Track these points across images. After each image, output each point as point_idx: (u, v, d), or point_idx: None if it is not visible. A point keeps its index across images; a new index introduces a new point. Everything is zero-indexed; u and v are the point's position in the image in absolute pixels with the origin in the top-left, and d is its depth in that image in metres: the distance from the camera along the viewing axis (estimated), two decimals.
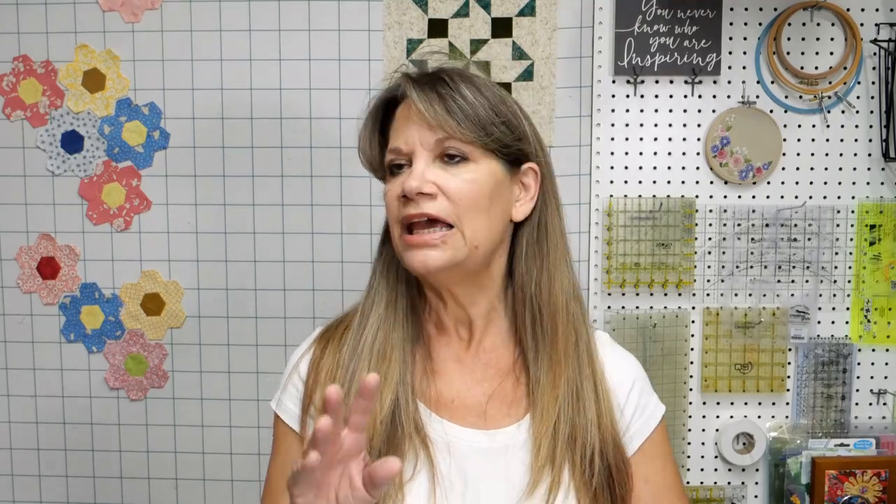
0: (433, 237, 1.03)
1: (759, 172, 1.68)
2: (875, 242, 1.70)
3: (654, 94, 1.68)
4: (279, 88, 1.71)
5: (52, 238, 1.76)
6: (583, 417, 1.07)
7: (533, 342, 1.10)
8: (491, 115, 1.05)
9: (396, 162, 1.07)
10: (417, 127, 1.05)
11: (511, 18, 1.69)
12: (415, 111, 1.05)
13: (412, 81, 1.07)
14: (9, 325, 1.78)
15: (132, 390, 1.77)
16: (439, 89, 1.05)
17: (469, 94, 1.05)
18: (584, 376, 1.09)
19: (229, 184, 1.74)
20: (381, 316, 1.11)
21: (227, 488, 1.79)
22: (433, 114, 1.03)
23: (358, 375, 1.07)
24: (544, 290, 1.09)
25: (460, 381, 1.12)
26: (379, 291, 1.13)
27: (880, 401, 1.73)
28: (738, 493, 1.73)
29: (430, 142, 1.04)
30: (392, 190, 1.06)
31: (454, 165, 1.04)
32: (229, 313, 1.76)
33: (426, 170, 1.04)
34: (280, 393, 1.14)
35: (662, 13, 1.65)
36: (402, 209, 1.04)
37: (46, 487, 1.80)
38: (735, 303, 1.71)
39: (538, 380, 1.08)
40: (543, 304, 1.09)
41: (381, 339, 1.09)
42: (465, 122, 1.04)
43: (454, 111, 1.04)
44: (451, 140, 1.04)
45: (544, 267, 1.10)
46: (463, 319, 1.12)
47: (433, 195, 1.03)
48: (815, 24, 1.66)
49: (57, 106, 1.73)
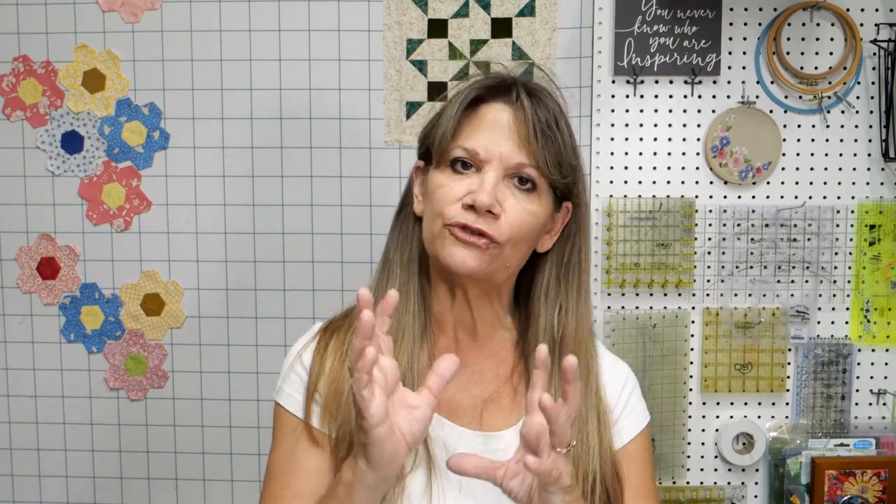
0: (480, 241, 1.03)
1: (759, 172, 1.68)
2: (875, 242, 1.70)
3: (653, 94, 1.68)
4: (279, 89, 1.71)
5: (52, 238, 1.76)
6: (585, 445, 1.07)
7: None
8: (571, 157, 1.07)
9: (465, 161, 1.05)
10: (505, 140, 1.04)
11: (511, 19, 1.69)
12: (514, 123, 1.04)
13: (527, 93, 1.06)
14: (9, 325, 1.78)
15: (132, 390, 1.78)
16: (541, 114, 1.04)
17: (566, 131, 1.06)
18: (589, 406, 1.10)
19: (229, 184, 1.74)
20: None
21: (227, 488, 1.79)
22: (533, 137, 1.03)
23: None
24: (570, 326, 1.10)
25: (456, 382, 1.11)
26: (393, 271, 1.12)
27: (880, 401, 1.73)
28: (738, 493, 1.73)
29: (513, 162, 1.04)
30: (454, 189, 1.04)
31: (523, 192, 1.05)
32: (229, 313, 1.76)
33: (497, 186, 1.03)
34: (281, 382, 1.13)
35: (662, 13, 1.65)
36: (460, 214, 1.03)
37: (46, 487, 1.80)
38: (735, 303, 1.71)
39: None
40: (567, 339, 1.10)
41: (392, 323, 1.07)
42: (553, 160, 1.04)
43: (549, 145, 1.04)
44: (532, 168, 1.04)
45: (571, 303, 1.11)
46: (466, 321, 1.12)
47: (497, 216, 1.03)
48: (814, 24, 1.66)
49: (57, 106, 1.73)
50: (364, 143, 1.72)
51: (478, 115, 1.07)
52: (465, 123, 1.06)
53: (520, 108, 1.05)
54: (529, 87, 1.07)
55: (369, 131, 1.71)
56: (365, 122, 1.71)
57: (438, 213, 1.04)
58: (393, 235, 1.14)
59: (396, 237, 1.13)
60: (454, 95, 1.09)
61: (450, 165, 1.06)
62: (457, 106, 1.07)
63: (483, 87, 1.08)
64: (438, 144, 1.07)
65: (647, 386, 1.68)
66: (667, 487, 1.72)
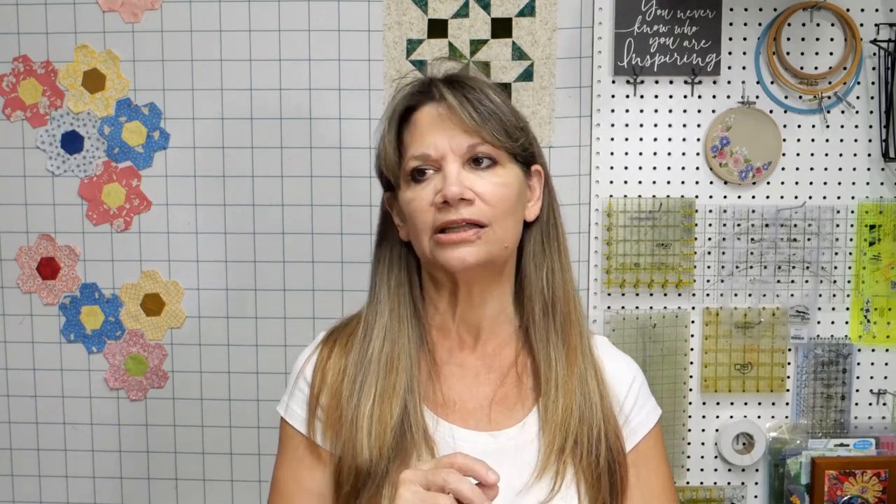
0: (468, 234, 1.04)
1: (759, 172, 1.68)
2: (875, 242, 1.70)
3: (653, 94, 1.68)
4: (279, 89, 1.71)
5: (52, 238, 1.76)
6: (589, 402, 1.09)
7: (545, 334, 1.11)
8: (513, 120, 1.09)
9: (422, 168, 1.07)
10: (448, 132, 1.06)
11: (511, 19, 1.69)
12: (449, 116, 1.06)
13: (446, 85, 1.08)
14: (9, 325, 1.78)
15: (132, 390, 1.78)
16: (469, 95, 1.07)
17: (497, 99, 1.08)
18: (587, 364, 1.12)
19: (229, 184, 1.74)
20: (386, 325, 1.11)
21: (227, 488, 1.79)
22: (470, 119, 1.05)
23: (366, 387, 1.08)
24: (558, 284, 1.12)
25: (462, 384, 1.12)
26: (381, 301, 1.13)
27: (880, 401, 1.73)
28: (738, 493, 1.73)
29: (463, 147, 1.06)
30: (423, 197, 1.06)
31: (484, 170, 1.06)
32: (229, 313, 1.76)
33: (461, 175, 1.05)
34: (287, 398, 1.15)
35: (662, 13, 1.65)
36: (439, 215, 1.05)
37: (46, 487, 1.80)
38: (735, 303, 1.71)
39: (553, 369, 1.10)
40: (558, 298, 1.12)
41: (387, 349, 1.10)
42: (497, 129, 1.06)
43: (487, 117, 1.06)
44: (484, 145, 1.06)
45: (556, 262, 1.13)
46: (471, 322, 1.12)
47: (471, 201, 1.04)
48: (814, 24, 1.66)
49: (57, 106, 1.73)
50: (364, 143, 1.71)
51: (413, 124, 1.09)
52: (406, 137, 1.09)
53: (445, 98, 1.07)
54: (447, 78, 1.10)
55: (369, 131, 1.71)
56: (365, 122, 1.71)
57: (421, 227, 1.07)
58: (377, 268, 1.16)
59: (381, 269, 1.15)
60: (383, 119, 1.12)
61: (411, 179, 1.08)
62: (388, 126, 1.10)
63: (406, 97, 1.11)
64: (390, 169, 1.10)
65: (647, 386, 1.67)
66: None
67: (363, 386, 1.08)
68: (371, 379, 1.08)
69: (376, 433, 1.05)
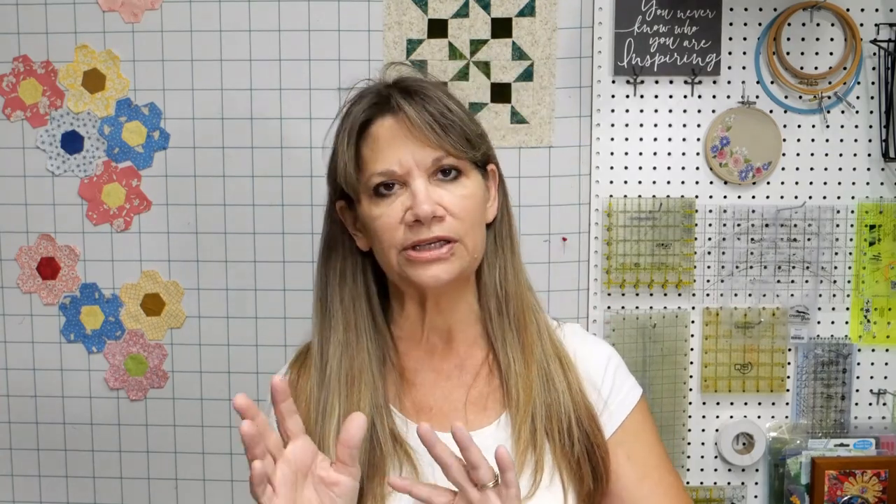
0: (442, 252, 1.03)
1: (759, 172, 1.68)
2: (875, 242, 1.70)
3: (653, 94, 1.68)
4: (279, 89, 1.71)
5: (52, 238, 1.76)
6: (554, 392, 1.08)
7: (500, 332, 1.11)
8: (473, 128, 1.07)
9: (385, 183, 1.05)
10: (411, 146, 1.04)
11: (511, 19, 1.69)
12: (410, 129, 1.03)
13: (404, 95, 1.05)
14: (9, 325, 1.78)
15: (132, 390, 1.78)
16: (428, 106, 1.04)
17: (455, 108, 1.05)
18: (548, 356, 1.11)
19: (229, 184, 1.74)
20: (342, 341, 1.10)
21: (227, 488, 1.79)
22: (433, 133, 1.03)
23: (329, 407, 1.07)
24: (511, 283, 1.12)
25: (436, 388, 1.12)
26: (334, 316, 1.11)
27: (880, 401, 1.73)
28: (738, 493, 1.73)
29: (428, 161, 1.04)
30: (390, 214, 1.04)
31: (451, 182, 1.05)
32: (229, 313, 1.76)
33: (429, 191, 1.03)
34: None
35: (662, 13, 1.65)
36: (410, 234, 1.03)
37: (46, 487, 1.80)
38: (735, 303, 1.71)
39: (511, 367, 1.09)
40: (511, 296, 1.11)
41: (346, 365, 1.09)
42: (460, 140, 1.05)
43: (449, 129, 1.04)
44: (448, 158, 1.04)
45: (508, 261, 1.12)
46: (441, 328, 1.12)
47: (442, 217, 1.03)
48: (814, 24, 1.66)
49: (57, 106, 1.73)
50: None
51: (371, 137, 1.06)
52: (364, 150, 1.06)
53: (404, 111, 1.04)
54: (404, 87, 1.07)
55: None
56: None
57: (389, 243, 1.05)
58: (327, 280, 1.13)
59: (332, 281, 1.13)
60: (339, 131, 1.09)
61: (374, 195, 1.05)
62: (346, 139, 1.07)
63: (363, 110, 1.07)
64: (348, 182, 1.07)
65: (647, 386, 1.68)
66: None
67: (326, 407, 1.07)
68: (333, 399, 1.07)
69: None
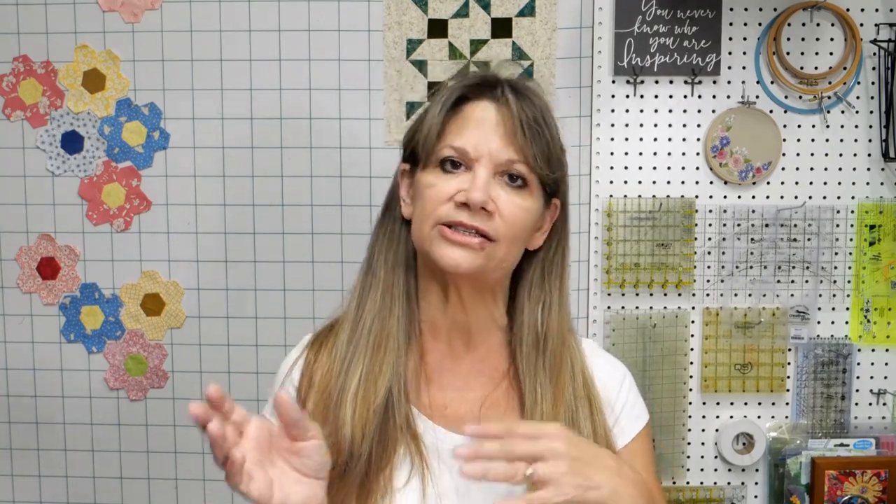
0: (473, 241, 1.02)
1: (759, 172, 1.68)
2: (875, 242, 1.70)
3: (653, 94, 1.68)
4: (279, 89, 1.71)
5: (52, 238, 1.76)
6: (577, 432, 1.06)
7: (532, 367, 1.10)
8: (558, 153, 1.07)
9: (454, 160, 1.05)
10: (494, 137, 1.04)
11: (511, 19, 1.69)
12: (501, 121, 1.04)
13: (512, 91, 1.05)
14: (9, 325, 1.78)
15: (132, 390, 1.78)
16: (528, 110, 1.04)
17: (553, 127, 1.06)
18: (578, 398, 1.10)
19: (229, 184, 1.74)
20: (378, 302, 1.09)
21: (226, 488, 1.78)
22: (521, 134, 1.03)
23: (353, 363, 1.07)
24: (553, 321, 1.11)
25: (453, 388, 1.11)
26: (376, 275, 1.11)
27: (880, 401, 1.73)
28: (738, 493, 1.73)
29: (502, 158, 1.04)
30: (443, 189, 1.04)
31: (514, 189, 1.05)
32: (229, 313, 1.76)
33: (489, 183, 1.03)
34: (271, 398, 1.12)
35: (662, 13, 1.65)
36: (453, 213, 1.02)
37: (46, 487, 1.80)
38: (735, 303, 1.71)
39: (537, 405, 1.08)
40: (550, 335, 1.10)
41: (377, 327, 1.08)
42: (542, 155, 1.04)
43: (538, 141, 1.04)
44: (521, 165, 1.04)
45: (553, 299, 1.11)
46: (461, 324, 1.11)
47: (491, 213, 1.02)
48: (814, 24, 1.66)
49: (57, 106, 1.73)
50: (364, 143, 1.72)
51: (463, 113, 1.06)
52: (451, 123, 1.06)
53: (505, 104, 1.04)
54: (514, 85, 1.07)
55: (369, 131, 1.71)
56: (365, 122, 1.71)
57: (430, 213, 1.04)
58: (377, 239, 1.14)
59: (381, 240, 1.13)
60: (437, 95, 1.09)
61: (439, 165, 1.05)
62: (440, 105, 1.07)
63: (467, 85, 1.07)
64: (424, 145, 1.06)
65: (647, 386, 1.68)
66: (667, 487, 1.72)
67: (351, 364, 1.07)
68: (359, 357, 1.07)
69: (360, 412, 1.05)
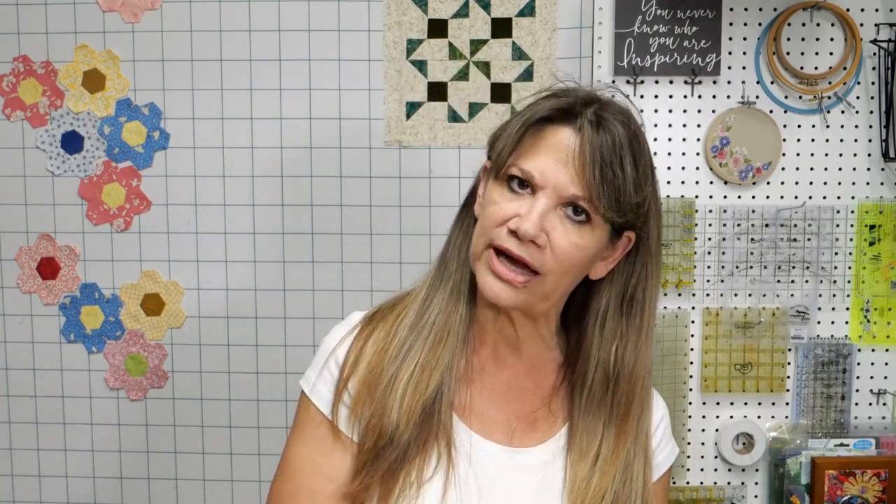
0: (518, 279, 1.00)
1: (759, 172, 1.68)
2: (875, 242, 1.70)
3: (653, 94, 1.68)
4: (279, 89, 1.71)
5: (52, 238, 1.76)
6: (627, 487, 1.07)
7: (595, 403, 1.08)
8: (633, 195, 1.02)
9: (520, 180, 1.02)
10: (562, 168, 1.00)
11: (511, 19, 1.69)
12: (574, 153, 1.00)
13: (594, 123, 1.01)
14: (9, 325, 1.78)
15: (132, 390, 1.78)
16: (605, 147, 0.99)
17: (629, 169, 1.01)
18: (639, 448, 1.09)
19: (229, 184, 1.74)
20: (445, 297, 1.08)
21: (227, 488, 1.79)
22: (590, 174, 0.99)
23: (412, 351, 1.06)
24: (628, 363, 1.08)
25: (493, 396, 1.10)
26: (448, 268, 1.09)
27: (880, 401, 1.73)
28: (738, 493, 1.73)
29: (566, 193, 1.00)
30: (502, 208, 1.01)
31: (573, 223, 1.01)
32: (229, 313, 1.76)
33: (546, 216, 1.00)
34: (315, 377, 1.10)
35: (662, 13, 1.65)
36: (503, 238, 1.00)
37: (46, 487, 1.80)
38: (735, 303, 1.71)
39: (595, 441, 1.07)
40: (623, 378, 1.08)
41: (441, 321, 1.07)
42: (609, 198, 1.00)
43: (608, 183, 0.99)
44: (585, 202, 1.00)
45: (631, 340, 1.08)
46: (508, 336, 1.10)
47: (542, 247, 1.00)
48: (814, 24, 1.66)
49: (57, 106, 1.73)
50: (364, 143, 1.72)
51: (541, 135, 1.02)
52: (528, 142, 1.03)
53: (581, 136, 1.00)
54: (598, 114, 1.02)
55: (369, 131, 1.71)
56: (365, 122, 1.71)
57: (485, 230, 1.02)
58: (454, 232, 1.12)
59: (457, 234, 1.11)
60: (524, 109, 1.06)
61: (506, 181, 1.03)
62: (520, 123, 1.04)
63: (551, 108, 1.03)
64: (497, 158, 1.05)
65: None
66: None
67: (410, 350, 1.06)
68: (419, 346, 1.06)
69: (408, 402, 1.03)
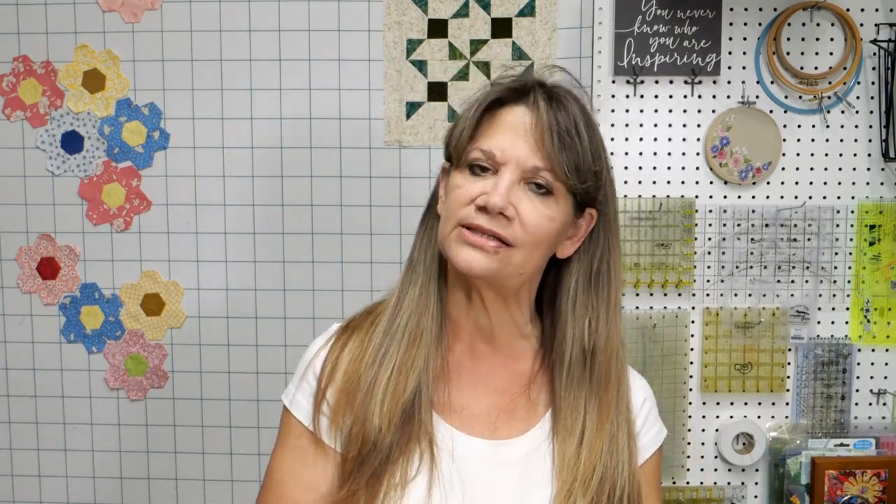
0: (489, 244, 1.02)
1: (759, 172, 1.68)
2: (875, 242, 1.70)
3: (653, 94, 1.68)
4: (279, 89, 1.71)
5: (52, 238, 1.76)
6: (615, 459, 1.08)
7: (575, 381, 1.09)
8: (591, 163, 1.05)
9: (482, 164, 1.04)
10: (521, 143, 1.03)
11: (511, 19, 1.69)
12: (531, 127, 1.03)
13: (546, 98, 1.04)
14: (9, 325, 1.78)
15: (132, 390, 1.78)
16: (560, 117, 1.03)
17: (585, 136, 1.04)
18: (621, 419, 1.10)
19: (229, 184, 1.74)
20: (416, 298, 1.10)
21: (227, 488, 1.79)
22: (549, 143, 1.02)
23: (388, 355, 1.07)
24: (601, 335, 1.09)
25: (471, 390, 1.11)
26: (416, 270, 1.11)
27: (880, 401, 1.73)
28: (738, 493, 1.73)
29: (528, 165, 1.03)
30: (467, 190, 1.04)
31: (538, 196, 1.03)
32: (229, 313, 1.76)
33: (512, 189, 1.02)
34: (294, 389, 1.12)
35: (662, 13, 1.65)
36: (472, 216, 1.02)
37: (46, 487, 1.80)
38: (735, 303, 1.71)
39: (580, 417, 1.08)
40: (599, 350, 1.09)
41: (413, 322, 1.08)
42: (570, 164, 1.02)
43: (567, 148, 1.02)
44: (547, 172, 1.03)
45: (602, 312, 1.10)
46: (483, 327, 1.11)
47: (511, 219, 1.02)
48: (814, 24, 1.66)
49: (57, 106, 1.73)
50: (364, 143, 1.72)
51: (496, 117, 1.06)
52: (485, 126, 1.06)
53: (537, 111, 1.03)
54: (549, 90, 1.06)
55: (369, 131, 1.72)
56: (365, 122, 1.71)
57: (452, 213, 1.04)
58: (419, 235, 1.14)
59: (422, 237, 1.13)
60: (476, 98, 1.08)
61: (468, 167, 1.05)
62: (475, 108, 1.06)
63: (503, 89, 1.07)
64: (456, 146, 1.07)
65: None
66: (667, 487, 1.72)
67: (385, 355, 1.07)
68: (394, 349, 1.07)
69: (388, 405, 1.05)
